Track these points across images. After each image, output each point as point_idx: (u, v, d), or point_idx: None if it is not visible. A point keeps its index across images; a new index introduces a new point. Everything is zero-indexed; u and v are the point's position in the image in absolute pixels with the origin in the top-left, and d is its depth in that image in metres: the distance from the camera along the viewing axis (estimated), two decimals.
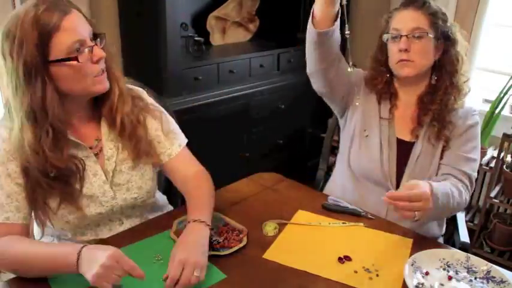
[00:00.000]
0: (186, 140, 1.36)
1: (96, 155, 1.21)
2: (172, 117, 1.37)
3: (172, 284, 0.99)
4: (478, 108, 2.62)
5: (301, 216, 1.34)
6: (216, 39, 2.76)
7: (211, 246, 1.16)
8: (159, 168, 1.34)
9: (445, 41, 1.41)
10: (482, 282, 1.07)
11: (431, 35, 1.38)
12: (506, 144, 2.30)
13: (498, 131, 2.40)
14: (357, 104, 1.52)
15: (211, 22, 2.72)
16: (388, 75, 1.49)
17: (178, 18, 2.16)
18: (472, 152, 1.42)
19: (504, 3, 2.50)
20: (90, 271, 0.94)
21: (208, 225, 1.14)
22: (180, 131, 1.37)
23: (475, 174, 1.41)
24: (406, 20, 1.41)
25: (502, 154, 2.34)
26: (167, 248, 1.15)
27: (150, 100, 1.32)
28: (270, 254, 1.16)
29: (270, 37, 2.97)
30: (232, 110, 2.47)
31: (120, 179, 1.23)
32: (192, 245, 1.06)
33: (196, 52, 2.36)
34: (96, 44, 1.09)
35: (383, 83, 1.49)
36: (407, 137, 1.47)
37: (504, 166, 2.35)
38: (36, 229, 1.28)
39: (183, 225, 1.22)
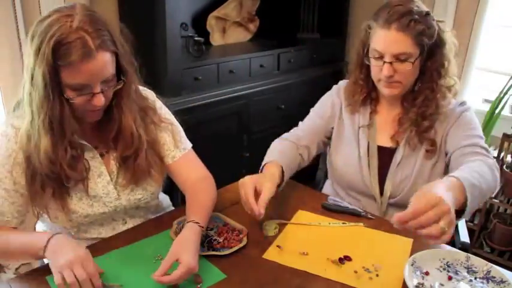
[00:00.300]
0: (190, 145, 1.37)
1: (101, 155, 1.21)
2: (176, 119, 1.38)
3: (161, 277, 0.98)
4: (478, 109, 2.66)
5: (301, 216, 1.34)
6: (216, 39, 2.76)
7: (211, 246, 1.16)
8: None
9: (432, 47, 1.30)
10: (482, 282, 1.07)
11: (415, 57, 1.28)
12: (506, 144, 2.30)
13: (498, 131, 2.40)
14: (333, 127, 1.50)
15: (211, 22, 2.72)
16: (367, 88, 1.42)
17: (178, 18, 2.16)
18: (471, 130, 1.33)
19: (504, 4, 2.50)
20: (55, 261, 0.96)
21: (201, 226, 1.13)
22: (185, 135, 1.37)
23: (484, 143, 1.30)
24: (388, 43, 1.27)
25: (502, 154, 2.34)
26: (167, 248, 1.15)
27: (163, 111, 1.32)
28: (270, 254, 1.16)
29: (270, 37, 2.98)
30: (232, 110, 2.47)
31: (125, 180, 1.23)
32: (189, 247, 1.05)
33: (196, 52, 2.36)
34: (103, 91, 1.06)
35: (363, 97, 1.43)
36: (388, 143, 1.42)
37: (504, 166, 2.35)
38: (40, 225, 1.29)
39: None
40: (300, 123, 1.57)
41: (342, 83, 1.54)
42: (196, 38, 2.34)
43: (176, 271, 0.98)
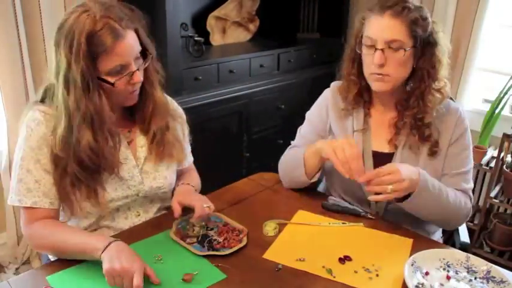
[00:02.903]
0: (192, 159, 1.49)
1: (128, 142, 1.26)
2: None
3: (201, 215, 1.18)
4: (478, 108, 2.66)
5: (301, 216, 1.34)
6: (216, 39, 2.76)
7: (212, 246, 1.17)
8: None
9: (424, 45, 1.29)
10: (482, 282, 1.07)
11: (409, 47, 1.26)
12: (506, 144, 2.29)
13: (498, 131, 2.40)
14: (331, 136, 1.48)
15: (211, 22, 2.72)
16: (360, 85, 1.39)
17: (178, 18, 2.17)
18: (465, 164, 1.35)
19: (504, 4, 2.50)
20: (110, 264, 0.99)
21: (194, 188, 1.33)
22: (189, 149, 1.47)
23: (471, 185, 1.37)
24: (381, 29, 1.26)
25: (502, 154, 2.34)
26: (167, 248, 1.16)
27: (177, 108, 1.41)
28: (270, 254, 1.16)
29: (270, 37, 2.98)
30: (232, 110, 2.47)
31: (149, 167, 1.28)
32: (187, 191, 1.29)
33: (196, 52, 2.36)
34: (138, 68, 1.14)
35: (355, 94, 1.40)
36: (385, 148, 1.39)
37: (504, 166, 2.35)
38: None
39: (182, 225, 1.22)
40: (299, 132, 1.55)
41: (334, 86, 1.51)
42: (196, 38, 2.35)
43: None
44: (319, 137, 1.47)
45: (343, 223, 1.30)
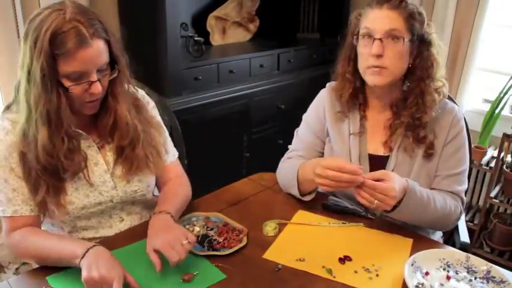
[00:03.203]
0: (177, 154, 1.41)
1: (99, 147, 1.23)
2: (167, 126, 1.40)
3: (176, 263, 1.03)
4: (478, 108, 2.66)
5: (301, 216, 1.34)
6: (216, 39, 2.76)
7: (211, 246, 1.17)
8: None
9: (420, 43, 1.30)
10: (482, 282, 1.07)
11: (407, 39, 1.26)
12: (506, 144, 2.30)
13: (498, 131, 2.40)
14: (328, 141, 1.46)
15: (211, 22, 2.72)
16: (354, 84, 1.38)
17: (178, 18, 2.17)
18: (459, 165, 1.34)
19: (504, 3, 2.50)
20: (88, 271, 0.97)
21: (173, 218, 1.16)
22: (171, 144, 1.40)
23: (465, 186, 1.36)
24: (380, 19, 1.27)
25: (502, 154, 2.34)
26: None
27: (154, 112, 1.35)
28: (270, 254, 1.16)
29: (270, 37, 2.98)
30: (232, 110, 2.47)
31: (121, 171, 1.24)
32: (162, 228, 1.11)
33: (196, 52, 2.36)
34: (99, 79, 1.08)
35: (349, 93, 1.38)
36: (380, 151, 1.38)
37: (504, 166, 2.35)
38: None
39: (182, 225, 1.22)
40: (296, 135, 1.54)
41: (330, 87, 1.49)
42: (196, 38, 2.35)
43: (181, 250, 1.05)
44: (317, 139, 1.47)
45: (343, 223, 1.30)
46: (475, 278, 1.08)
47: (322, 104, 1.48)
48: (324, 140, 1.47)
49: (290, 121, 2.86)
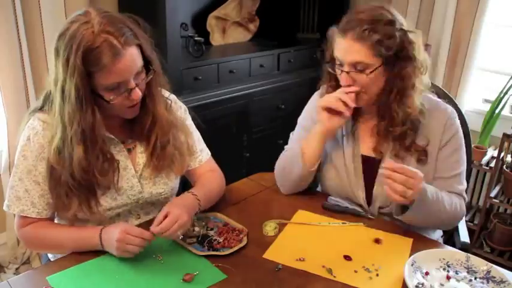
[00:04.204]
0: (209, 153, 1.44)
1: (128, 150, 1.24)
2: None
3: (159, 231, 1.09)
4: (478, 108, 2.66)
5: (301, 216, 1.34)
6: (216, 39, 2.76)
7: (212, 246, 1.17)
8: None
9: (394, 60, 1.24)
10: (482, 282, 1.07)
11: (375, 67, 1.22)
12: (506, 144, 2.29)
13: (498, 131, 2.40)
14: None
15: (211, 22, 2.72)
16: None
17: (178, 18, 2.17)
18: (457, 166, 1.33)
19: (504, 4, 2.50)
20: (112, 248, 1.08)
21: (199, 201, 1.22)
22: (203, 144, 1.44)
23: (465, 185, 1.35)
24: (344, 51, 1.23)
25: (502, 154, 2.34)
26: (167, 248, 1.16)
27: (185, 116, 1.38)
28: (270, 254, 1.16)
29: (270, 37, 2.97)
30: (232, 110, 2.47)
31: (149, 173, 1.26)
32: (180, 203, 1.17)
33: (196, 52, 2.36)
34: (138, 84, 1.10)
35: None
36: (371, 153, 1.37)
37: (504, 166, 2.35)
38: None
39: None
40: (291, 138, 1.55)
41: (322, 89, 1.47)
42: (196, 38, 2.35)
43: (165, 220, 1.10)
44: None
45: (343, 223, 1.30)
46: (475, 278, 1.08)
47: (315, 107, 1.43)
48: None
49: (290, 121, 2.86)
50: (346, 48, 1.23)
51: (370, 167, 1.36)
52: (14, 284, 1.06)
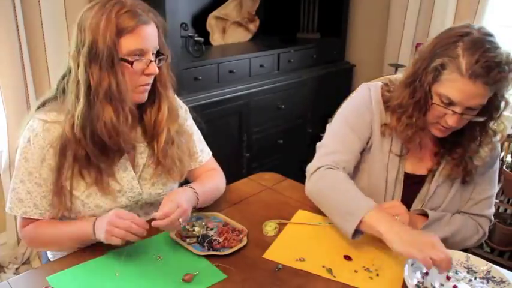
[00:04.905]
0: (209, 155, 1.46)
1: (127, 152, 1.24)
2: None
3: (163, 218, 1.11)
4: None
5: (301, 216, 1.34)
6: (216, 39, 2.76)
7: (212, 246, 1.17)
8: None
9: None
10: (482, 282, 1.07)
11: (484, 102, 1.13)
12: (506, 144, 2.29)
13: None
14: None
15: (211, 22, 2.72)
16: (420, 128, 1.21)
17: (178, 18, 2.17)
18: (491, 188, 1.31)
19: (504, 4, 2.50)
20: (101, 232, 1.08)
21: (197, 194, 1.24)
22: (204, 144, 1.46)
23: (493, 209, 1.33)
24: (469, 96, 1.09)
25: (502, 154, 2.33)
26: (167, 248, 1.16)
27: (186, 116, 1.39)
28: (270, 254, 1.16)
29: (270, 37, 2.97)
30: (232, 110, 2.47)
31: (148, 174, 1.27)
32: (178, 194, 1.19)
33: (196, 52, 2.36)
34: (154, 61, 1.15)
35: (412, 133, 1.23)
36: (419, 170, 1.31)
37: (504, 166, 2.35)
38: None
39: (182, 226, 1.22)
40: (332, 132, 1.36)
41: (376, 91, 1.32)
42: (196, 38, 2.34)
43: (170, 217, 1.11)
44: (360, 142, 1.31)
45: None
46: (475, 278, 1.08)
47: (369, 110, 1.31)
48: (364, 145, 1.32)
49: (290, 121, 2.88)
50: (472, 93, 1.09)
51: (412, 186, 1.30)
52: (14, 284, 1.06)
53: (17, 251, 2.25)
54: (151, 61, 1.14)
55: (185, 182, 1.43)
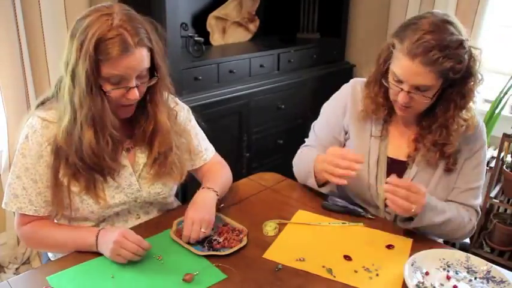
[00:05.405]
0: (213, 153, 1.47)
1: (127, 150, 1.25)
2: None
3: (187, 239, 1.16)
4: (478, 108, 2.65)
5: (301, 216, 1.34)
6: (216, 39, 2.76)
7: (212, 246, 1.17)
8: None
9: (458, 78, 1.20)
10: (482, 282, 1.07)
11: (437, 89, 1.20)
12: (506, 144, 2.29)
13: (498, 131, 2.40)
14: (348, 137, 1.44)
15: (211, 22, 2.72)
16: (388, 106, 1.32)
17: (178, 18, 2.16)
18: (477, 180, 1.33)
19: (504, 4, 2.50)
20: (106, 249, 1.09)
21: (216, 192, 1.27)
22: (207, 143, 1.46)
23: (480, 200, 1.35)
24: (409, 74, 1.17)
25: (502, 154, 2.33)
26: (167, 248, 1.16)
27: (189, 117, 1.39)
28: (270, 254, 1.16)
29: (270, 37, 2.97)
30: (232, 110, 2.47)
31: (148, 173, 1.26)
32: (200, 205, 1.22)
33: (196, 52, 2.36)
34: (137, 86, 1.11)
35: (384, 114, 1.34)
36: (400, 156, 1.36)
37: (504, 166, 2.35)
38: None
39: (182, 225, 1.22)
40: (312, 129, 1.52)
41: (355, 84, 1.44)
42: (196, 38, 2.34)
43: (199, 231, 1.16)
44: (333, 138, 1.45)
45: (343, 223, 1.30)
46: (475, 278, 1.09)
47: (344, 101, 1.43)
48: (340, 139, 1.44)
49: (290, 121, 2.88)
50: (412, 71, 1.16)
51: (394, 171, 1.31)
52: (14, 284, 1.06)
53: (17, 251, 2.24)
54: (131, 88, 1.10)
55: (183, 184, 1.43)
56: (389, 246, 1.21)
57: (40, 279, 1.05)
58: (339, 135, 1.45)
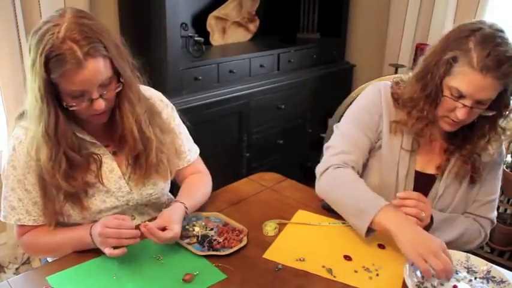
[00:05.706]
0: (198, 151, 1.43)
1: (114, 153, 1.23)
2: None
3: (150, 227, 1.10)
4: None
5: (301, 216, 1.34)
6: (216, 39, 2.76)
7: (212, 246, 1.17)
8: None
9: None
10: (482, 282, 1.07)
11: (493, 99, 1.15)
12: (506, 144, 2.29)
13: None
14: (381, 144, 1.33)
15: (211, 22, 2.72)
16: (429, 121, 1.23)
17: (178, 18, 2.17)
18: (496, 191, 1.32)
19: (504, 4, 2.50)
20: (99, 245, 1.08)
21: (186, 207, 1.22)
22: (191, 143, 1.41)
23: (496, 213, 1.34)
24: (479, 89, 1.11)
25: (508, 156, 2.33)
26: (167, 248, 1.16)
27: (173, 115, 1.35)
28: (270, 254, 1.16)
29: (270, 37, 2.98)
30: (232, 110, 2.47)
31: (136, 174, 1.25)
32: (167, 214, 1.17)
33: (196, 52, 2.36)
34: (101, 95, 1.07)
35: (422, 126, 1.24)
36: (429, 170, 1.32)
37: (504, 166, 2.35)
38: None
39: (182, 225, 1.22)
40: (339, 133, 1.36)
41: (384, 91, 1.33)
42: (196, 38, 2.35)
43: (163, 233, 1.10)
44: (368, 140, 1.33)
45: (343, 223, 1.30)
46: (475, 278, 1.08)
47: (378, 108, 1.33)
48: (373, 142, 1.34)
49: (290, 121, 2.88)
50: (481, 86, 1.10)
51: (422, 185, 1.30)
52: (14, 284, 1.06)
53: (17, 251, 2.24)
54: (94, 99, 1.06)
55: (174, 181, 1.43)
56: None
57: (40, 279, 1.05)
58: (373, 138, 1.34)
